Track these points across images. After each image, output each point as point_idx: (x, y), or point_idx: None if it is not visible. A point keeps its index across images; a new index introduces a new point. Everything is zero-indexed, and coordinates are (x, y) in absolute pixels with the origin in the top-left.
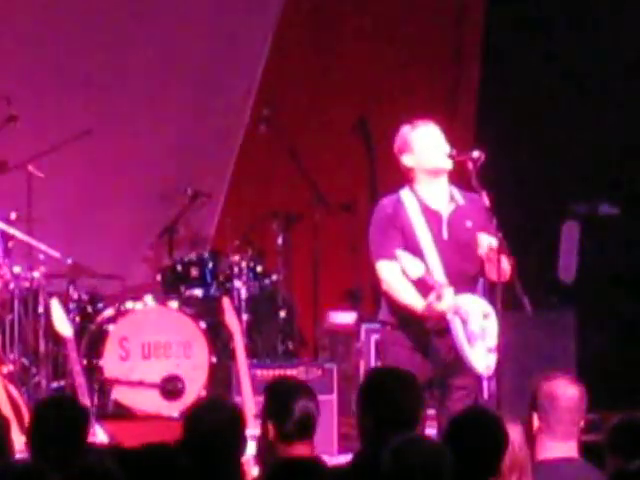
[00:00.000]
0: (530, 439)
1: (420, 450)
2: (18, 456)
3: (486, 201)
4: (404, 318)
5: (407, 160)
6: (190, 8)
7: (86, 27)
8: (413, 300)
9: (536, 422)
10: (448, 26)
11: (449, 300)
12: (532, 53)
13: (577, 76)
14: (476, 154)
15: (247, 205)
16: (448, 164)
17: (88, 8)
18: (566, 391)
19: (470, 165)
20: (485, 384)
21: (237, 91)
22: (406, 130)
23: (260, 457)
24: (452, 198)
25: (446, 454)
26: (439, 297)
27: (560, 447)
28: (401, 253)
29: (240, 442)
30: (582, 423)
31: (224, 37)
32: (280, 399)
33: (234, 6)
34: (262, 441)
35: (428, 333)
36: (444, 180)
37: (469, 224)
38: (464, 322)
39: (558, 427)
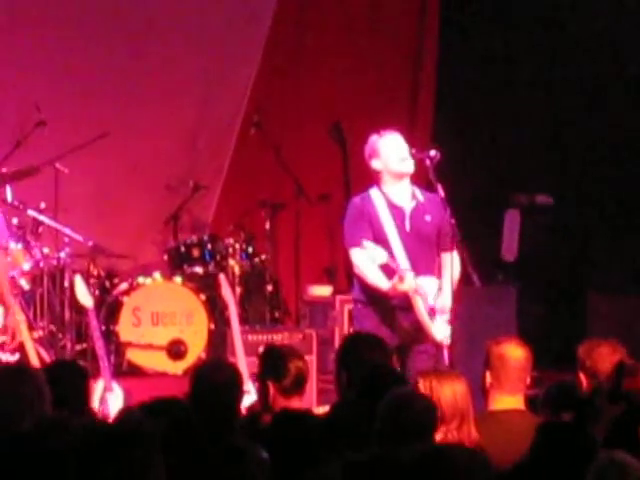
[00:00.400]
0: (484, 393)
1: (412, 404)
2: None
3: (441, 192)
4: (372, 297)
5: (375, 164)
6: (192, 30)
7: (104, 42)
8: (379, 281)
9: (488, 379)
10: (409, 40)
11: (410, 282)
12: (473, 60)
13: (518, 82)
14: (433, 152)
15: (240, 196)
16: (410, 168)
17: (106, 25)
18: (514, 353)
19: (428, 162)
20: (445, 351)
21: (232, 100)
22: (374, 139)
23: (262, 409)
24: (414, 196)
25: (435, 409)
26: (401, 279)
27: (509, 400)
28: (367, 243)
29: (238, 396)
30: (527, 380)
31: (222, 57)
32: (278, 361)
33: (228, 30)
34: (262, 396)
35: (394, 309)
36: (407, 181)
37: (428, 218)
38: (424, 300)
39: (507, 383)
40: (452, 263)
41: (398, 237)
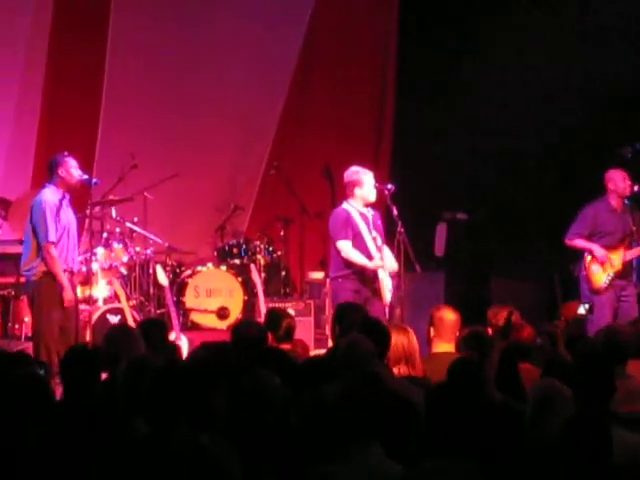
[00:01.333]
0: (428, 341)
1: (365, 342)
2: None
3: (395, 211)
4: (353, 272)
5: (357, 191)
6: (230, 109)
7: (177, 113)
8: (364, 261)
9: (432, 333)
10: (374, 116)
11: (379, 262)
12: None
13: (449, 147)
14: (390, 186)
15: (264, 214)
16: (375, 198)
17: (176, 100)
18: (450, 315)
19: (386, 192)
20: (387, 309)
21: (259, 151)
22: (359, 172)
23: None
24: (369, 211)
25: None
26: (374, 259)
27: (445, 346)
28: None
29: (264, 341)
30: (457, 333)
31: (252, 124)
32: (275, 319)
33: (253, 108)
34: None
35: (370, 280)
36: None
37: (379, 222)
38: (384, 274)
39: (445, 335)
40: (389, 254)
41: (369, 235)
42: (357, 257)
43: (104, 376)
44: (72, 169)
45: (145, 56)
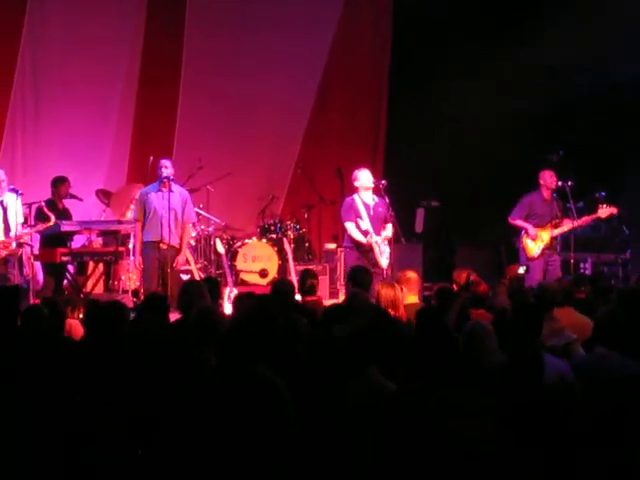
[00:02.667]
0: (402, 294)
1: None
2: None
3: (387, 199)
4: (356, 245)
5: (357, 183)
6: (269, 125)
7: (234, 125)
8: (360, 237)
9: (404, 289)
10: (371, 126)
11: (374, 238)
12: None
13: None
14: (383, 181)
15: (293, 202)
16: (371, 185)
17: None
18: (412, 275)
19: (380, 185)
20: (385, 271)
21: (289, 155)
22: (358, 172)
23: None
24: (373, 199)
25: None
26: (371, 236)
27: (412, 298)
28: (350, 225)
29: (294, 294)
30: (419, 288)
31: (284, 135)
32: (302, 279)
33: (290, 121)
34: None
35: (366, 251)
36: (370, 192)
37: (380, 209)
38: (378, 246)
39: (411, 290)
40: (390, 229)
41: (367, 217)
42: (356, 234)
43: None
44: (159, 169)
45: (210, 99)
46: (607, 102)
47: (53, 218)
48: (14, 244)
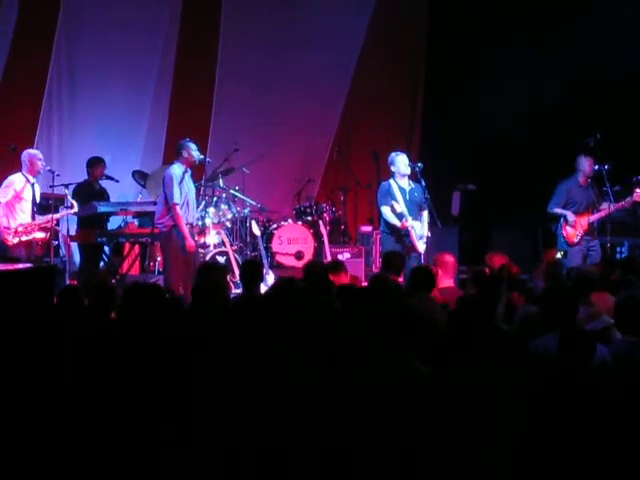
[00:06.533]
0: (437, 277)
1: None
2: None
3: (423, 183)
4: (392, 229)
5: (393, 168)
6: (307, 124)
7: (273, 115)
8: (395, 221)
9: (439, 272)
10: (405, 114)
11: (410, 222)
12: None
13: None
14: (420, 164)
15: (329, 185)
16: (407, 172)
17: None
18: (450, 258)
19: (416, 169)
20: (422, 257)
21: (325, 140)
22: (394, 155)
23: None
24: (408, 184)
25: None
26: (406, 220)
27: (448, 282)
28: (386, 208)
29: (327, 273)
30: (455, 272)
31: (318, 128)
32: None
33: (323, 117)
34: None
35: (402, 235)
36: (406, 177)
37: (415, 194)
38: (415, 231)
39: (447, 273)
40: (426, 216)
41: (403, 202)
42: (391, 218)
43: None
44: (193, 151)
45: (246, 83)
46: None
47: (76, 205)
48: (36, 230)
